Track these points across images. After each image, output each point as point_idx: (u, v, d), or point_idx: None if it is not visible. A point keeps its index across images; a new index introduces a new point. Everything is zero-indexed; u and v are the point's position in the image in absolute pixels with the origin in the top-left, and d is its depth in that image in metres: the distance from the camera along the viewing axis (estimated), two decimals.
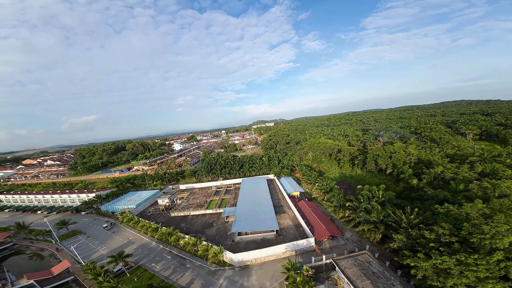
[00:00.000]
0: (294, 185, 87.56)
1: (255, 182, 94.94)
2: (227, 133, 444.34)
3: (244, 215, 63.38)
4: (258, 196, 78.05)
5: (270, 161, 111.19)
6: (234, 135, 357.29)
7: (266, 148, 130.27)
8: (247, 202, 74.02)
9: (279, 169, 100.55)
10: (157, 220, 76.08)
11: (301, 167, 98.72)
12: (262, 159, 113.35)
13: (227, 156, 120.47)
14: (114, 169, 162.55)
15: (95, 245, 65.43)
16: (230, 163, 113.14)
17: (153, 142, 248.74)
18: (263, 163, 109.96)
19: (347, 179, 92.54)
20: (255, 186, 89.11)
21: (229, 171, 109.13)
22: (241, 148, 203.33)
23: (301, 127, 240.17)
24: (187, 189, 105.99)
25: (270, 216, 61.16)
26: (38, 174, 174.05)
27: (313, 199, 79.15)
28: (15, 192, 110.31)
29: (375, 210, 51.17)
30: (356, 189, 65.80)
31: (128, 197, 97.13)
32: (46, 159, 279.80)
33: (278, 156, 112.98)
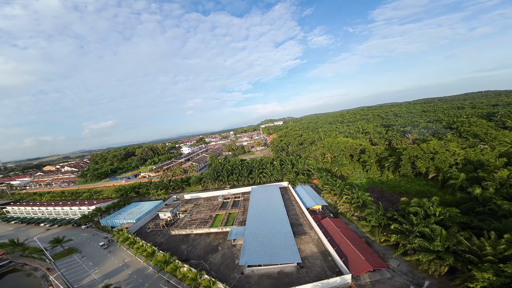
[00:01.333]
0: (313, 195, 73.37)
1: (266, 192, 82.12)
2: (235, 134, 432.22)
3: (254, 240, 50.86)
4: (271, 211, 65.17)
5: (282, 165, 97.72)
6: (242, 136, 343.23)
7: (277, 150, 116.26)
8: (258, 218, 61.42)
9: (294, 175, 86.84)
10: (155, 239, 65.75)
11: (320, 173, 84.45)
12: (273, 164, 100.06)
13: (234, 161, 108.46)
14: (121, 177, 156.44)
15: (88, 267, 56.76)
16: (238, 168, 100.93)
17: (162, 146, 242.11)
18: (275, 168, 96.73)
19: (377, 186, 77.07)
20: (267, 197, 76.23)
21: (237, 178, 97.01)
22: (250, 150, 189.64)
23: (312, 125, 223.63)
24: (192, 199, 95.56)
25: (287, 241, 48.21)
26: (51, 182, 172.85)
27: (339, 214, 64.57)
28: (21, 204, 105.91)
29: (437, 236, 36.47)
30: (395, 200, 51.32)
31: (130, 209, 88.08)
32: (64, 165, 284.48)
33: (291, 159, 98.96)
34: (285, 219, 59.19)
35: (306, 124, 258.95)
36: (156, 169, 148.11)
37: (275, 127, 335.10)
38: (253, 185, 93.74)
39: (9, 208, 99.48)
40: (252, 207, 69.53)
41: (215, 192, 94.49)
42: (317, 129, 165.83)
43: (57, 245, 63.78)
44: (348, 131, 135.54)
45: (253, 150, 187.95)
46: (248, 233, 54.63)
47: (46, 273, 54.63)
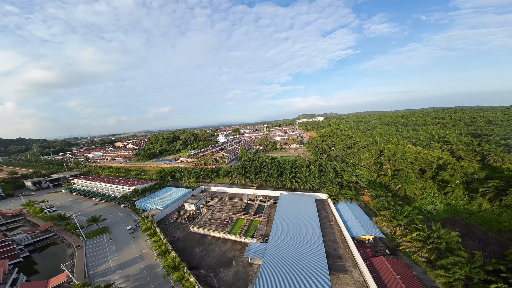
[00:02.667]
0: (363, 219, 54.88)
1: (298, 202, 67.22)
2: (269, 127, 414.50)
3: (276, 266, 39.54)
4: (301, 230, 51.29)
5: (321, 172, 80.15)
6: (275, 130, 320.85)
7: (316, 152, 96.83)
8: (284, 237, 48.69)
9: (337, 188, 68.49)
10: (174, 233, 61.77)
11: (374, 189, 63.98)
12: (309, 168, 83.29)
13: (264, 158, 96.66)
14: (164, 159, 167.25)
15: (110, 252, 56.87)
16: (267, 167, 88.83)
17: (202, 133, 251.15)
18: (311, 173, 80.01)
19: (461, 216, 53.10)
20: (298, 210, 61.80)
21: (265, 178, 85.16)
22: (282, 147, 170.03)
23: (363, 125, 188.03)
24: (217, 192, 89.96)
25: (319, 277, 36.09)
26: (115, 157, 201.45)
27: (399, 251, 45.42)
28: (84, 177, 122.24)
29: None
30: (490, 240, 34.77)
31: (162, 193, 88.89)
32: (129, 142, 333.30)
33: (334, 166, 79.94)
34: (320, 245, 44.60)
35: (354, 123, 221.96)
36: (193, 155, 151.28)
37: (314, 123, 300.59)
38: (282, 190, 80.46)
39: (75, 180, 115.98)
40: (279, 219, 56.81)
41: (240, 190, 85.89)
42: (369, 131, 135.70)
43: (93, 224, 66.77)
44: (416, 137, 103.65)
45: (286, 147, 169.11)
46: (269, 254, 43.06)
47: (75, 251, 56.60)
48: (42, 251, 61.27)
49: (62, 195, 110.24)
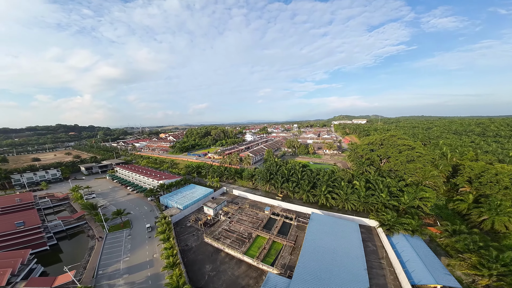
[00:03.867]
0: (429, 261, 38.66)
1: (336, 228, 52.11)
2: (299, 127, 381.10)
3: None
4: (339, 267, 37.83)
5: (369, 190, 61.99)
6: (307, 131, 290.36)
7: (361, 163, 76.31)
8: (314, 275, 36.73)
9: (392, 215, 50.50)
10: (188, 240, 55.78)
11: (451, 222, 44.88)
12: (352, 183, 65.81)
13: (293, 164, 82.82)
14: (194, 153, 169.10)
15: (125, 250, 54.30)
16: (297, 176, 75.02)
17: (231, 130, 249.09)
18: (355, 191, 62.60)
19: None
20: (336, 239, 47.58)
21: (293, 188, 71.84)
22: (316, 151, 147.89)
23: (421, 132, 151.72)
24: (239, 197, 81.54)
25: None
26: (155, 148, 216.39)
27: None
28: (124, 166, 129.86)
29: None
30: None
31: (185, 191, 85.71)
32: (170, 134, 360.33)
33: (387, 184, 60.63)
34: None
35: (409, 129, 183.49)
36: (220, 153, 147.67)
37: (355, 126, 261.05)
38: (314, 207, 66.17)
39: (117, 168, 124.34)
40: (309, 248, 43.93)
41: (263, 199, 75.04)
42: (432, 140, 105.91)
43: (117, 217, 66.23)
44: (504, 152, 73.98)
45: (320, 152, 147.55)
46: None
47: (95, 244, 55.69)
48: (71, 238, 63.29)
49: (105, 181, 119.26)
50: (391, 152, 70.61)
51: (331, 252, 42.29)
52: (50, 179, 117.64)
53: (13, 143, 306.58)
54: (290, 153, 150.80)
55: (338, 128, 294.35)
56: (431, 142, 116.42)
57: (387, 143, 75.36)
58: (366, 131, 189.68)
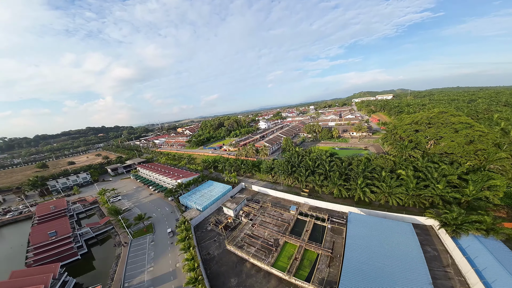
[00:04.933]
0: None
1: (383, 230, 42.74)
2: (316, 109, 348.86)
3: None
4: (394, 282, 30.03)
5: (419, 180, 50.33)
6: (326, 113, 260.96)
7: (403, 147, 63.17)
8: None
9: (459, 212, 39.49)
10: (209, 248, 51.81)
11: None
12: (397, 174, 54.05)
13: (319, 154, 72.36)
14: (209, 146, 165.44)
15: (148, 259, 52.21)
16: (324, 166, 64.93)
17: (244, 119, 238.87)
18: (403, 183, 51.15)
19: None
20: (386, 244, 38.97)
21: (321, 182, 62.45)
22: (340, 135, 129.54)
23: (465, 105, 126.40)
24: (259, 193, 75.17)
25: None
26: (173, 143, 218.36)
27: None
28: (145, 166, 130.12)
29: None
30: None
31: (203, 189, 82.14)
32: (186, 128, 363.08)
33: (442, 172, 48.01)
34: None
35: (447, 103, 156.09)
36: (235, 144, 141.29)
37: (383, 102, 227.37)
38: (348, 203, 56.76)
39: (139, 168, 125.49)
40: (352, 258, 36.31)
41: (287, 196, 67.49)
42: (478, 113, 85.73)
43: (139, 222, 64.61)
44: None
45: (346, 135, 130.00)
46: None
47: (121, 251, 54.61)
48: (102, 244, 63.90)
49: (130, 181, 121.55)
50: (444, 132, 56.08)
51: (382, 262, 34.10)
52: (81, 182, 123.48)
53: (52, 148, 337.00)
54: (311, 138, 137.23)
55: (361, 106, 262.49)
56: (479, 116, 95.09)
57: (437, 121, 60.20)
58: (398, 107, 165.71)
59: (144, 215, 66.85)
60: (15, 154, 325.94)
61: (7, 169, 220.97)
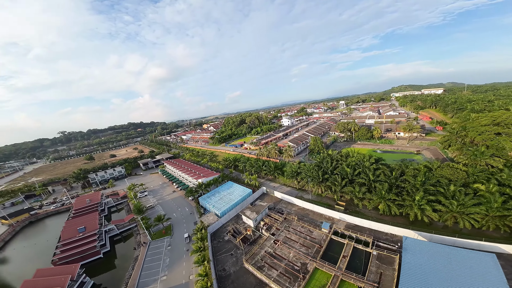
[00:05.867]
0: None
1: (453, 263, 30.11)
2: (347, 104, 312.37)
3: None
4: None
5: (508, 198, 35.39)
6: (360, 109, 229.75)
7: (477, 154, 45.54)
8: None
9: None
10: (225, 263, 45.88)
11: None
12: (474, 189, 40.10)
13: (360, 159, 59.03)
14: (231, 144, 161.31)
15: (163, 265, 48.99)
16: (368, 176, 52.16)
17: (265, 116, 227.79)
18: (485, 201, 37.07)
19: None
20: (457, 283, 26.01)
21: (363, 194, 50.10)
22: (383, 135, 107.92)
23: None
24: (282, 201, 66.04)
25: None
26: (198, 139, 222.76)
27: None
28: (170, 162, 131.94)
29: None
30: None
31: (223, 191, 77.15)
32: (211, 125, 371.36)
33: None
34: None
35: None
36: (256, 143, 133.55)
37: (432, 97, 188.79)
38: (397, 222, 43.88)
39: (166, 163, 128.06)
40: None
41: (316, 208, 56.89)
42: None
43: (158, 224, 62.80)
44: None
45: (389, 135, 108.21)
46: None
47: (139, 254, 52.96)
48: (125, 241, 64.10)
49: (157, 177, 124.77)
50: None
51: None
52: (117, 176, 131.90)
53: (100, 142, 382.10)
54: (344, 138, 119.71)
55: (405, 101, 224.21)
56: None
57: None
58: (456, 103, 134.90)
59: (164, 217, 64.58)
60: (72, 146, 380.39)
61: (63, 160, 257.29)
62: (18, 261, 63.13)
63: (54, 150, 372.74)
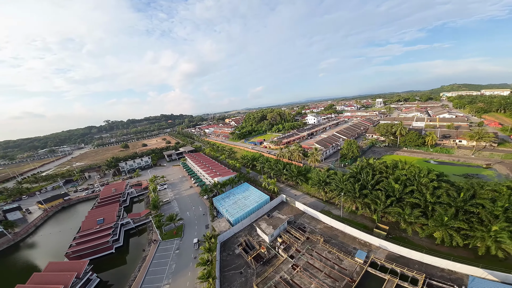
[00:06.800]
0: None
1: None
2: (386, 102, 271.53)
3: None
4: None
5: None
6: (403, 108, 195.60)
7: None
8: None
9: None
10: (232, 282, 39.92)
11: None
12: None
13: (414, 173, 45.09)
14: (250, 141, 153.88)
15: (168, 272, 45.30)
16: (424, 196, 38.86)
17: (288, 112, 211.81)
18: None
19: None
20: None
21: (417, 218, 37.31)
22: (439, 142, 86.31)
23: None
24: (305, 215, 56.38)
25: None
26: (219, 134, 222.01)
27: None
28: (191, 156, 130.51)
29: None
30: None
31: (238, 193, 71.19)
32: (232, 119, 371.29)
33: None
34: None
35: None
36: (277, 141, 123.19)
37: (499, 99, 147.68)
38: (461, 254, 31.16)
39: (187, 157, 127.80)
40: None
41: (350, 229, 45.88)
42: None
43: (170, 223, 59.77)
44: None
45: (447, 143, 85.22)
46: None
47: (148, 254, 50.74)
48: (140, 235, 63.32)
49: (178, 169, 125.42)
50: None
51: None
52: (143, 165, 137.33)
53: (136, 131, 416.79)
54: (385, 143, 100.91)
55: (462, 102, 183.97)
56: None
57: None
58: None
59: (176, 216, 61.18)
60: (113, 134, 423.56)
61: (104, 147, 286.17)
62: (39, 249, 63.31)
63: (99, 137, 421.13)
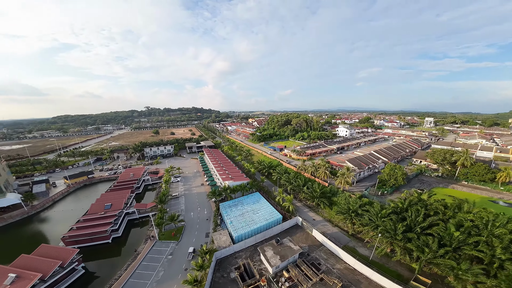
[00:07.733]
0: None
1: None
2: (438, 123, 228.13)
3: None
4: None
5: None
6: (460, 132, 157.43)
7: None
8: None
9: None
10: None
11: None
12: None
13: (486, 220, 30.17)
14: (270, 145, 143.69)
15: (154, 279, 40.15)
16: (493, 249, 24.74)
17: (316, 120, 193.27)
18: None
19: None
20: None
21: (476, 275, 23.56)
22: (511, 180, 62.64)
23: None
24: (322, 247, 45.48)
25: None
26: (240, 133, 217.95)
27: None
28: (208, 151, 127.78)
29: None
30: None
31: (247, 203, 63.59)
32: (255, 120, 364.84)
33: None
34: None
35: None
36: (300, 151, 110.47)
37: None
38: None
39: (205, 152, 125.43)
40: None
41: (379, 278, 33.48)
42: None
43: (170, 223, 55.00)
44: None
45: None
46: None
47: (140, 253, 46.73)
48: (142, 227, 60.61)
49: (195, 163, 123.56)
50: None
51: None
52: (166, 154, 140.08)
53: (169, 119, 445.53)
54: (437, 172, 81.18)
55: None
56: None
57: None
58: None
59: (177, 217, 56.27)
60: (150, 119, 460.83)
61: (139, 130, 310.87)
62: (45, 226, 62.56)
63: (138, 120, 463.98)
